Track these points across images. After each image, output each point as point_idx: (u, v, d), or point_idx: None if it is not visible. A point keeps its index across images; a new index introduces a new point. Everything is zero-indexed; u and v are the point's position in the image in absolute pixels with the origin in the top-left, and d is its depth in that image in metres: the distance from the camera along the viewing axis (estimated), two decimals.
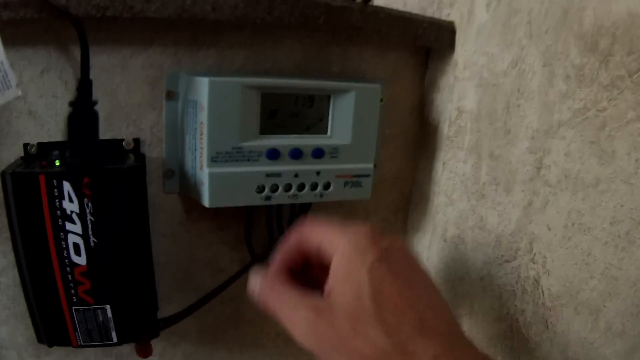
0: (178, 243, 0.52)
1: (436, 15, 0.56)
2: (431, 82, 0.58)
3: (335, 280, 0.34)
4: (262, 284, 0.37)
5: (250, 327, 0.59)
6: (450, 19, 0.55)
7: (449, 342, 0.31)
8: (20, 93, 0.42)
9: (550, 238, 0.45)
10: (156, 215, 0.50)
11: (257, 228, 0.51)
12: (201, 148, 0.44)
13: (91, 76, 0.43)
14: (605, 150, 0.41)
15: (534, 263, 0.47)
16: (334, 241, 0.35)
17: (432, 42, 0.52)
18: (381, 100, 0.51)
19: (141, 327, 0.47)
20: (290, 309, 0.35)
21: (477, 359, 0.32)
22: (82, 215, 0.42)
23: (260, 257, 0.51)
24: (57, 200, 0.41)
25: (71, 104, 0.44)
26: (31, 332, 0.47)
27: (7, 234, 0.46)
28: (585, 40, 0.42)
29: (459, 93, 0.54)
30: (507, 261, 0.49)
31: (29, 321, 0.46)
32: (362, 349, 0.31)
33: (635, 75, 0.38)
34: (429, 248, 0.60)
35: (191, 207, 0.51)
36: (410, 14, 0.52)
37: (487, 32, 0.51)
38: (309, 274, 0.39)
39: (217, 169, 0.44)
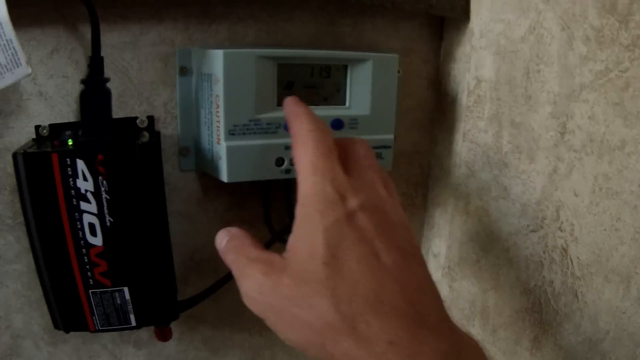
0: (195, 223, 0.51)
1: None
2: (447, 52, 0.57)
3: (293, 235, 0.30)
4: (227, 241, 0.34)
5: None
6: None
7: (410, 327, 0.27)
8: (30, 71, 0.40)
9: (577, 204, 0.44)
10: (172, 194, 0.49)
11: (276, 205, 0.50)
12: (217, 122, 0.43)
13: (102, 54, 0.43)
14: (630, 111, 0.40)
15: (561, 231, 0.45)
16: (300, 184, 0.31)
17: (447, 11, 0.51)
18: (398, 72, 0.50)
19: (160, 309, 0.45)
20: (243, 265, 0.31)
21: (443, 354, 0.26)
22: (97, 194, 0.41)
23: (280, 234, 0.50)
24: (70, 179, 0.40)
25: (83, 81, 0.43)
26: (47, 320, 0.46)
27: (20, 219, 0.45)
28: (604, 1, 0.41)
29: (477, 62, 0.53)
30: (533, 231, 0.48)
31: (44, 309, 0.45)
32: (306, 317, 0.28)
33: None
34: (452, 222, 0.59)
35: (208, 185, 0.50)
36: None
37: None
38: None
39: (235, 142, 0.43)
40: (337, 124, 0.46)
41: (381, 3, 0.48)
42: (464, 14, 0.53)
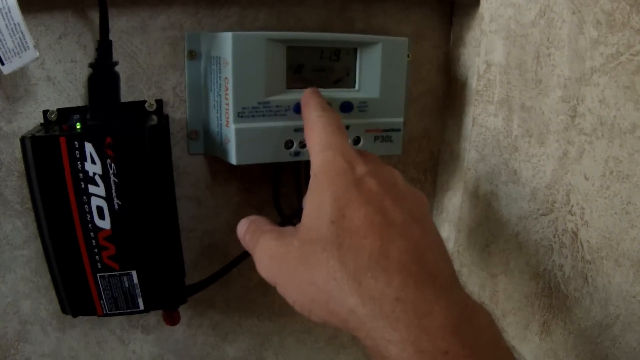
0: (204, 207, 0.51)
1: None
2: (457, 37, 0.57)
3: (305, 203, 0.31)
4: (244, 228, 0.35)
5: (279, 294, 0.58)
6: None
7: (418, 284, 0.26)
8: (38, 54, 0.40)
9: (587, 188, 0.44)
10: (181, 178, 0.49)
11: (285, 190, 0.50)
12: (226, 104, 0.43)
13: (110, 39, 0.42)
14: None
15: (571, 215, 0.45)
16: (313, 161, 0.33)
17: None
18: (407, 56, 0.49)
19: (168, 293, 0.45)
20: (257, 237, 0.33)
21: (453, 317, 0.26)
22: (105, 177, 0.41)
23: (289, 218, 0.50)
24: (79, 162, 0.40)
25: (91, 65, 0.43)
26: (55, 305, 0.46)
27: (29, 204, 0.45)
28: None
29: (487, 47, 0.52)
30: (543, 215, 0.47)
31: (52, 294, 0.45)
32: (312, 276, 0.28)
33: None
34: (461, 207, 0.59)
35: (217, 169, 0.50)
36: None
37: None
38: None
39: (244, 125, 0.43)
40: (347, 106, 0.45)
41: None
42: (474, 1, 0.52)
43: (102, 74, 0.43)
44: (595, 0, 0.42)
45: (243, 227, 0.35)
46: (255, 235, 0.33)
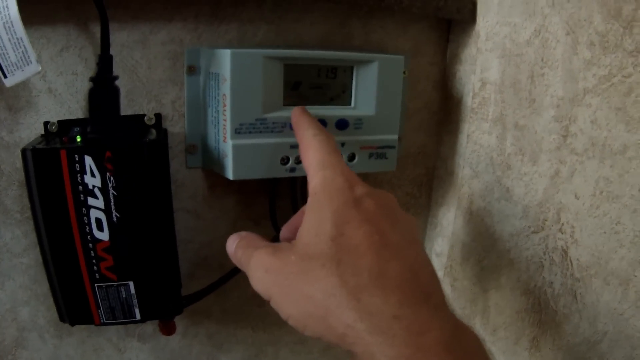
0: (201, 219, 0.51)
1: None
2: (453, 54, 0.57)
3: (304, 219, 0.32)
4: (235, 243, 0.36)
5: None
6: None
7: (414, 303, 0.27)
8: (40, 69, 0.41)
9: (578, 207, 0.44)
10: (179, 191, 0.50)
11: (281, 203, 0.51)
12: (224, 120, 0.44)
13: (111, 52, 0.43)
14: (632, 117, 0.40)
15: (562, 233, 0.46)
16: (310, 179, 0.33)
17: (454, 14, 0.52)
18: (404, 73, 0.50)
19: (165, 303, 0.46)
20: (250, 252, 0.33)
21: (446, 336, 0.27)
22: (104, 189, 0.42)
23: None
24: (78, 175, 0.41)
25: (92, 79, 0.43)
26: (53, 313, 0.47)
27: (28, 213, 0.46)
28: (609, 7, 0.41)
29: (482, 65, 0.53)
30: (534, 232, 0.48)
31: (50, 302, 0.46)
32: (310, 290, 0.28)
33: None
34: (455, 222, 0.59)
35: (214, 182, 0.51)
36: None
37: (508, 2, 0.50)
38: None
39: (241, 141, 0.44)
40: (342, 124, 0.46)
41: (389, 6, 0.48)
42: (471, 17, 0.53)
43: (103, 88, 0.44)
44: (589, 22, 0.43)
45: (233, 243, 0.36)
46: (249, 251, 0.33)
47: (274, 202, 0.50)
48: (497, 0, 0.51)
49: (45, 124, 0.45)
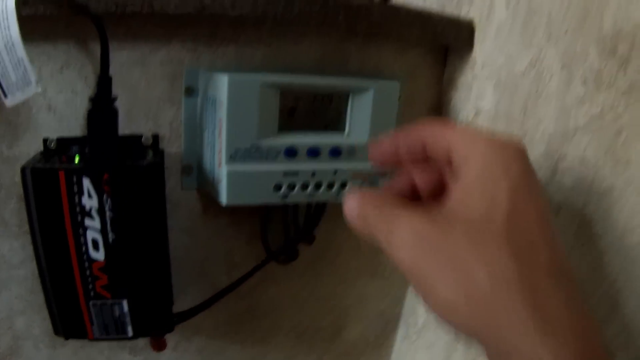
0: (195, 238, 0.52)
1: (455, 12, 0.56)
2: (449, 80, 0.58)
3: (464, 188, 0.28)
4: (361, 202, 0.30)
5: (263, 321, 0.60)
6: (469, 16, 0.55)
7: (577, 302, 0.25)
8: (39, 89, 0.42)
9: (565, 241, 0.45)
10: (174, 210, 0.50)
11: (273, 225, 0.52)
12: (220, 145, 0.44)
13: (111, 72, 0.43)
14: (620, 158, 0.41)
15: None
16: (471, 146, 0.28)
17: (451, 41, 0.52)
18: (399, 97, 0.51)
19: (156, 321, 0.47)
20: (392, 221, 0.28)
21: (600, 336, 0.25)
22: (101, 211, 0.42)
23: (276, 254, 0.52)
24: (76, 196, 0.41)
25: (91, 99, 0.44)
26: (47, 323, 0.48)
27: (25, 227, 0.46)
28: (605, 44, 0.42)
29: (477, 92, 0.54)
30: None
31: (45, 312, 0.47)
32: (476, 270, 0.25)
33: None
34: None
35: (208, 203, 0.52)
36: (430, 12, 0.52)
37: (506, 32, 0.50)
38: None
39: (235, 167, 0.44)
40: (335, 152, 0.47)
41: (387, 32, 0.49)
42: (468, 44, 0.54)
43: (101, 109, 0.44)
44: (585, 57, 0.44)
45: (357, 202, 0.31)
46: (392, 210, 0.29)
47: (265, 224, 0.51)
48: (495, 29, 0.51)
49: (45, 140, 0.46)
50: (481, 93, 0.53)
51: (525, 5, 0.48)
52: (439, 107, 0.59)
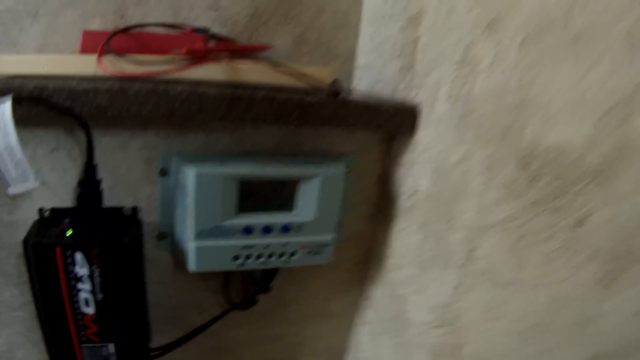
0: (169, 289, 0.62)
1: (405, 93, 0.62)
2: (394, 157, 0.65)
3: None
4: None
5: (228, 357, 0.70)
6: (416, 100, 0.61)
7: None
8: (37, 184, 0.50)
9: (472, 317, 0.54)
10: (151, 266, 0.59)
11: (235, 279, 0.61)
12: (188, 224, 0.53)
13: (96, 153, 0.51)
14: (519, 258, 0.48)
15: (458, 334, 0.56)
16: None
17: (397, 127, 0.59)
18: (349, 172, 0.58)
19: (137, 358, 0.58)
20: None
21: None
22: (91, 276, 0.51)
23: (237, 303, 0.61)
24: (70, 266, 0.50)
25: (79, 184, 0.52)
26: (44, 355, 0.57)
27: (24, 277, 0.55)
28: (522, 158, 0.48)
29: (417, 172, 0.61)
30: (436, 327, 0.58)
31: (42, 346, 0.56)
32: None
33: (556, 200, 0.45)
34: (382, 301, 0.70)
35: (179, 260, 0.61)
36: (377, 102, 0.58)
37: (445, 123, 0.57)
38: None
39: (201, 243, 0.53)
40: (286, 228, 0.55)
41: (337, 122, 0.55)
42: (412, 128, 0.60)
43: (88, 191, 0.52)
44: (504, 165, 0.50)
45: None
46: None
47: (227, 280, 0.60)
48: (437, 118, 0.57)
49: (40, 210, 0.54)
50: (420, 173, 0.61)
51: (464, 103, 0.54)
52: (384, 180, 0.66)
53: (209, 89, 0.51)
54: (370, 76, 0.71)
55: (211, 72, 0.54)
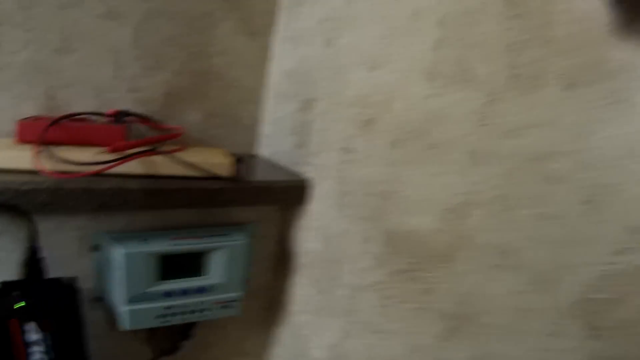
0: (105, 341, 0.74)
1: (299, 167, 0.76)
2: (291, 223, 0.78)
3: None
4: None
5: None
6: (309, 174, 0.74)
7: None
8: None
9: (357, 356, 0.67)
10: (88, 324, 0.71)
11: (161, 330, 0.74)
12: (120, 292, 0.65)
13: (38, 237, 0.62)
14: (387, 314, 0.61)
15: None
16: None
17: (290, 201, 0.73)
18: (253, 237, 0.72)
19: None
20: None
21: None
22: (44, 340, 0.63)
23: (163, 350, 0.74)
24: (25, 333, 0.62)
25: (25, 264, 0.63)
26: None
27: None
28: (387, 235, 0.61)
29: (310, 237, 0.74)
30: None
31: None
32: None
33: (407, 273, 0.57)
34: (288, 340, 0.83)
35: (112, 318, 0.72)
36: (271, 182, 0.71)
37: (330, 199, 0.69)
38: None
39: (132, 307, 0.65)
40: (201, 290, 0.69)
41: (239, 201, 0.69)
42: (304, 200, 0.74)
43: (34, 269, 0.64)
44: (377, 238, 0.62)
45: None
46: None
47: (154, 330, 0.73)
48: (324, 192, 0.71)
49: None
50: (313, 238, 0.74)
51: (344, 186, 0.67)
52: (285, 240, 0.80)
53: (132, 184, 0.63)
54: (272, 146, 0.84)
55: (131, 166, 0.66)
